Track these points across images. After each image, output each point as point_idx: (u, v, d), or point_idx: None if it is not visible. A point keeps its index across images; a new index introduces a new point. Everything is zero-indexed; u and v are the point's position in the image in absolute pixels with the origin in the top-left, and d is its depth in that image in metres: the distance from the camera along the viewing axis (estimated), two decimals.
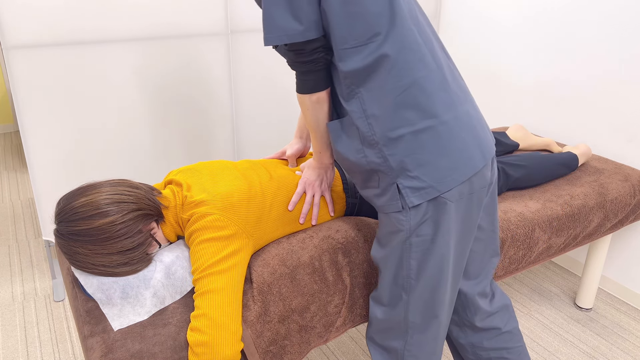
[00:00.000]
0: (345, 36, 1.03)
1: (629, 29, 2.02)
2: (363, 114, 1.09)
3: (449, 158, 1.08)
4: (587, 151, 1.97)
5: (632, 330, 2.07)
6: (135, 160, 2.21)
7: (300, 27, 1.02)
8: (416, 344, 1.26)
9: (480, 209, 1.18)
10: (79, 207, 1.16)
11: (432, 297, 1.20)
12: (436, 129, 1.07)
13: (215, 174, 1.32)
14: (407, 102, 1.06)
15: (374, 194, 1.17)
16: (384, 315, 1.26)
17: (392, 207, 1.13)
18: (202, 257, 1.17)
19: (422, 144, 1.07)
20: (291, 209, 1.35)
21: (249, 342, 1.19)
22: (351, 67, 1.05)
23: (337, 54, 1.06)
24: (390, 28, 1.03)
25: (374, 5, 1.01)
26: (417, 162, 1.08)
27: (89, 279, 1.20)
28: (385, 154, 1.09)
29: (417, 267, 1.16)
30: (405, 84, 1.05)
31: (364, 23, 1.02)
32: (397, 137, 1.07)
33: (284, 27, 1.02)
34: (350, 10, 1.01)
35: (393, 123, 1.07)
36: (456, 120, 1.09)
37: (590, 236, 1.78)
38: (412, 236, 1.13)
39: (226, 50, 2.23)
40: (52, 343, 1.97)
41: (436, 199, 1.09)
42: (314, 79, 1.12)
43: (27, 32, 1.85)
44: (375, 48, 1.03)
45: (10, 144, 3.98)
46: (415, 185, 1.09)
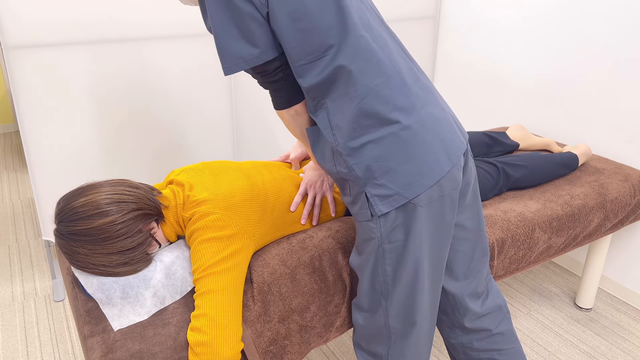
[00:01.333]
0: (298, 53, 1.03)
1: (629, 29, 2.02)
2: (328, 125, 1.09)
3: (413, 163, 1.07)
4: (587, 151, 1.97)
5: (632, 330, 2.07)
6: (135, 161, 2.21)
7: (256, 51, 1.02)
8: (399, 350, 1.26)
9: (455, 210, 1.16)
10: (78, 207, 1.16)
11: (410, 302, 1.19)
12: (398, 135, 1.06)
13: (218, 174, 1.32)
14: (366, 110, 1.05)
15: (348, 202, 1.17)
16: (365, 321, 1.26)
17: (362, 215, 1.12)
18: (203, 256, 1.17)
19: (386, 151, 1.06)
20: (293, 209, 1.35)
21: (249, 342, 1.19)
22: (310, 82, 1.05)
23: (295, 71, 1.06)
24: (342, 39, 1.02)
25: (322, 19, 1.00)
26: (382, 169, 1.07)
27: (89, 279, 1.20)
28: (350, 164, 1.09)
29: (392, 272, 1.15)
30: (362, 93, 1.04)
31: (315, 37, 1.01)
32: (359, 146, 1.07)
33: (239, 54, 1.02)
34: (300, 27, 1.00)
35: (355, 132, 1.06)
36: (419, 125, 1.07)
37: (590, 236, 1.78)
38: (384, 243, 1.12)
39: None
40: (52, 343, 1.97)
41: (405, 205, 1.08)
42: (286, 94, 1.12)
43: (27, 32, 1.85)
44: (330, 60, 1.03)
45: (10, 144, 3.98)
46: (383, 193, 1.08)
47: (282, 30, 1.01)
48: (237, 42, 1.01)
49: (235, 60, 1.03)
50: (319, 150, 1.17)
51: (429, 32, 2.81)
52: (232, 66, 1.04)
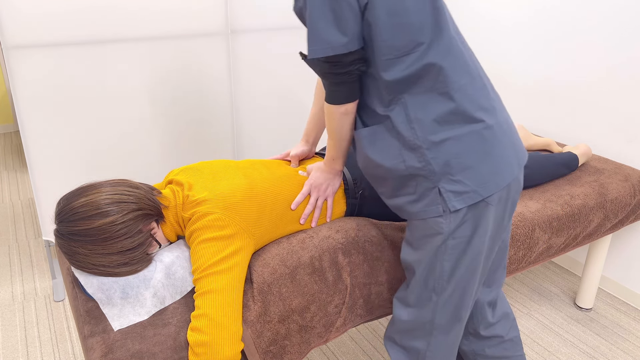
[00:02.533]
0: (388, 47, 1.05)
1: (629, 29, 2.02)
2: (406, 119, 1.10)
3: (491, 163, 1.10)
4: (587, 151, 1.97)
5: (632, 330, 2.07)
6: (135, 160, 2.21)
7: (344, 40, 1.04)
8: (439, 345, 1.27)
9: (512, 214, 1.21)
10: (79, 207, 1.16)
11: (460, 298, 1.22)
12: (480, 134, 1.09)
13: (217, 173, 1.32)
14: (453, 107, 1.08)
15: (408, 201, 1.17)
16: (409, 316, 1.26)
17: (430, 212, 1.13)
18: (203, 256, 1.17)
19: (466, 148, 1.09)
20: (294, 208, 1.35)
21: (249, 342, 1.19)
22: (394, 76, 1.07)
23: (381, 64, 1.08)
24: (434, 37, 1.06)
25: (417, 17, 1.04)
26: (461, 166, 1.09)
27: (89, 279, 1.20)
28: (427, 158, 1.10)
29: (450, 269, 1.17)
30: (451, 90, 1.08)
31: (408, 33, 1.04)
32: (441, 141, 1.09)
33: (328, 40, 1.04)
34: (395, 21, 1.03)
35: (438, 127, 1.09)
36: (498, 126, 1.12)
37: (590, 236, 1.78)
38: (449, 239, 1.14)
39: (226, 50, 2.23)
40: (52, 343, 1.97)
41: (477, 202, 1.11)
42: (346, 90, 1.13)
43: (27, 32, 1.85)
44: (419, 57, 1.05)
45: (10, 144, 3.98)
46: (458, 189, 1.10)
47: (378, 23, 1.03)
48: (330, 27, 1.03)
49: (323, 45, 1.04)
50: (376, 150, 1.17)
51: None
52: (319, 50, 1.05)
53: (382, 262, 1.37)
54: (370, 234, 1.38)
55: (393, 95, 1.10)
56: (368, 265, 1.36)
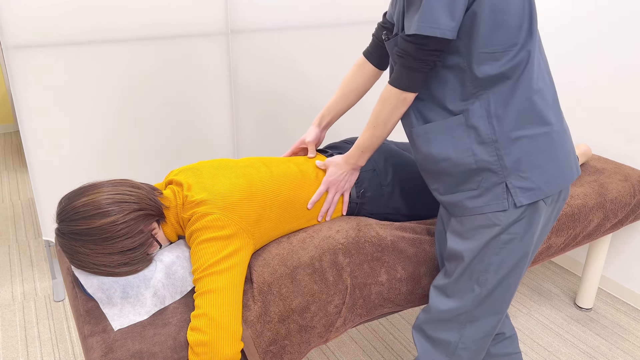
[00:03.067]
0: (484, 41, 1.08)
1: (629, 29, 2.02)
2: (485, 114, 1.13)
3: (556, 164, 1.16)
4: (587, 151, 1.97)
5: (632, 330, 2.07)
6: (136, 160, 2.21)
7: (452, 24, 1.05)
8: (471, 338, 1.28)
9: (555, 220, 1.27)
10: (80, 206, 1.16)
11: (502, 293, 1.24)
12: (550, 136, 1.15)
13: (216, 173, 1.32)
14: (531, 107, 1.13)
15: (469, 196, 1.20)
16: (448, 306, 1.27)
17: (494, 206, 1.17)
18: (203, 256, 1.17)
19: (537, 148, 1.14)
20: (310, 207, 1.38)
21: (249, 342, 1.19)
22: (487, 72, 1.10)
23: (475, 57, 1.10)
24: (526, 40, 1.10)
25: (517, 18, 1.07)
26: (531, 164, 1.14)
27: (90, 279, 1.20)
28: (501, 153, 1.14)
29: (498, 262, 1.20)
30: (532, 92, 1.12)
31: (506, 32, 1.07)
32: (516, 138, 1.13)
33: (438, 20, 1.05)
34: (498, 18, 1.06)
35: (516, 125, 1.13)
36: (564, 132, 1.19)
37: (590, 236, 1.78)
38: (503, 233, 1.17)
39: (226, 50, 2.23)
40: (52, 343, 1.97)
41: (536, 201, 1.16)
42: (416, 78, 1.14)
43: (27, 32, 1.85)
44: (512, 57, 1.09)
45: (10, 144, 3.98)
46: (526, 185, 1.14)
47: (483, 15, 1.05)
48: (444, 9, 1.04)
49: (432, 24, 1.05)
50: (443, 143, 1.18)
51: None
52: (427, 28, 1.05)
53: (382, 262, 1.37)
54: (370, 234, 1.38)
55: (477, 90, 1.13)
56: (368, 266, 1.36)
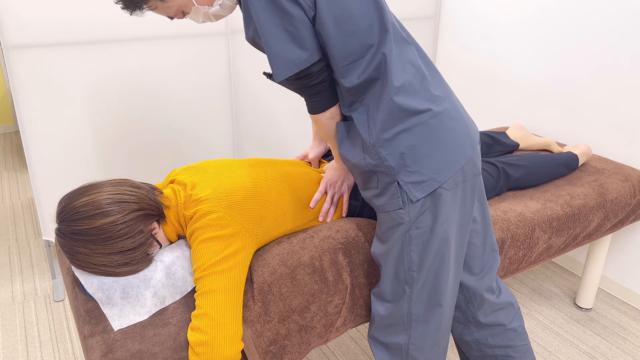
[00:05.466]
0: (342, 54, 1.07)
1: (629, 29, 2.02)
2: (366, 119, 1.14)
3: (443, 149, 1.13)
4: (588, 151, 1.97)
5: (632, 330, 2.07)
6: (136, 160, 2.21)
7: (305, 54, 1.06)
8: (420, 336, 1.28)
9: (474, 197, 1.23)
10: (80, 206, 1.16)
11: (434, 286, 1.23)
12: (428, 123, 1.12)
13: (220, 172, 1.32)
14: (398, 102, 1.10)
15: (373, 195, 1.21)
16: (387, 311, 1.28)
17: (392, 205, 1.17)
18: (204, 256, 1.17)
19: (417, 139, 1.12)
20: (313, 206, 1.38)
21: (249, 342, 1.19)
22: (353, 82, 1.10)
23: (338, 72, 1.10)
24: (381, 38, 1.08)
25: (364, 20, 1.05)
26: (415, 157, 1.12)
27: (90, 279, 1.20)
28: (382, 155, 1.13)
29: (418, 259, 1.20)
30: (396, 87, 1.10)
31: (358, 38, 1.06)
32: (392, 137, 1.12)
33: (290, 58, 1.06)
34: (344, 29, 1.05)
35: (387, 124, 1.12)
36: (445, 113, 1.15)
37: (590, 236, 1.78)
38: (411, 229, 1.17)
39: (226, 50, 2.23)
40: (52, 343, 1.97)
41: (433, 190, 1.13)
42: (324, 98, 1.16)
43: (27, 32, 1.85)
44: (370, 59, 1.08)
45: (10, 144, 3.98)
46: (416, 179, 1.13)
47: (328, 33, 1.05)
48: (287, 46, 1.05)
49: (287, 65, 1.06)
50: (346, 145, 1.21)
51: (429, 32, 2.81)
52: (284, 71, 1.07)
53: None
54: (370, 234, 1.38)
55: (356, 97, 1.14)
56: (368, 265, 1.36)
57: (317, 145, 1.57)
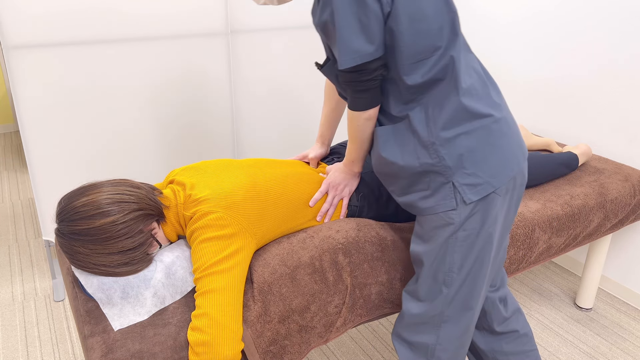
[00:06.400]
0: (410, 52, 1.09)
1: (629, 29, 2.02)
2: (424, 118, 1.14)
3: (500, 155, 1.15)
4: (588, 151, 1.97)
5: (632, 330, 2.07)
6: (136, 160, 2.21)
7: (372, 48, 1.07)
8: (448, 338, 1.29)
9: (518, 206, 1.26)
10: (80, 206, 1.16)
11: (471, 289, 1.24)
12: (488, 128, 1.14)
13: (219, 172, 1.32)
14: (463, 104, 1.13)
15: (421, 197, 1.20)
16: (419, 309, 1.28)
17: (444, 205, 1.17)
18: (204, 256, 1.17)
19: (477, 142, 1.14)
20: (312, 205, 1.38)
21: (249, 342, 1.19)
22: (417, 80, 1.11)
23: (402, 69, 1.11)
24: (450, 40, 1.10)
25: (436, 21, 1.08)
26: (473, 159, 1.14)
27: (90, 279, 1.20)
28: (441, 154, 1.14)
29: (460, 260, 1.20)
30: (462, 89, 1.12)
31: (428, 38, 1.08)
32: (453, 137, 1.13)
33: (357, 49, 1.07)
34: (417, 27, 1.07)
35: (450, 124, 1.13)
36: (504, 120, 1.18)
37: (590, 236, 1.78)
38: (459, 230, 1.18)
39: (226, 50, 2.23)
40: (52, 343, 1.97)
41: (488, 194, 1.16)
42: (370, 96, 1.16)
43: (27, 32, 1.85)
44: (437, 60, 1.10)
45: (10, 144, 3.98)
46: (472, 182, 1.15)
47: (401, 30, 1.07)
48: (358, 37, 1.06)
49: (353, 55, 1.07)
50: (392, 148, 1.20)
51: None
52: (348, 60, 1.08)
53: (382, 262, 1.37)
54: (370, 234, 1.38)
55: (414, 97, 1.14)
56: (368, 266, 1.36)
57: (319, 147, 1.58)
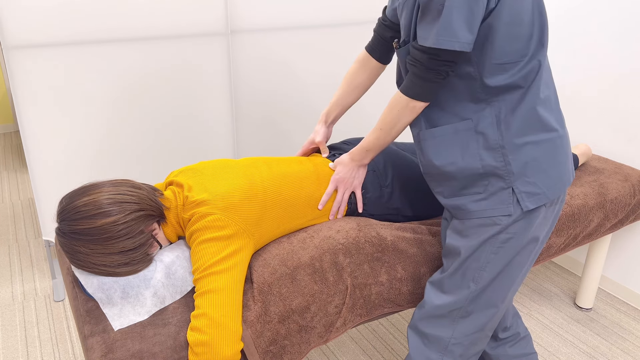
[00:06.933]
0: (499, 52, 1.09)
1: (629, 29, 2.02)
2: (495, 120, 1.15)
3: (558, 169, 1.18)
4: (587, 151, 1.97)
5: (632, 330, 2.07)
6: (136, 160, 2.21)
7: (470, 37, 1.06)
8: (465, 333, 1.30)
9: (557, 219, 1.28)
10: (81, 206, 1.16)
11: (497, 289, 1.26)
12: (554, 142, 1.17)
13: (217, 174, 1.32)
14: (538, 114, 1.14)
15: (474, 199, 1.21)
16: (442, 302, 1.29)
17: (498, 210, 1.18)
18: (203, 257, 1.17)
19: (542, 153, 1.16)
20: (321, 207, 1.39)
21: (249, 342, 1.19)
22: (498, 82, 1.11)
23: (487, 68, 1.11)
24: (537, 49, 1.11)
25: (529, 29, 1.09)
26: (537, 169, 1.16)
27: (90, 279, 1.20)
28: (508, 159, 1.16)
29: (495, 260, 1.22)
30: (540, 99, 1.14)
31: (519, 43, 1.09)
32: (522, 144, 1.15)
33: (457, 34, 1.05)
34: (513, 30, 1.07)
35: (523, 131, 1.15)
36: (566, 138, 1.21)
37: (590, 236, 1.78)
38: (502, 232, 1.19)
39: (226, 50, 2.23)
40: (52, 343, 1.97)
41: (543, 204, 1.18)
42: (428, 88, 1.15)
43: (27, 32, 1.85)
44: (522, 67, 1.10)
45: (10, 144, 3.98)
46: (532, 190, 1.17)
47: (500, 28, 1.07)
48: (462, 23, 1.05)
49: (451, 37, 1.05)
50: (451, 150, 1.19)
51: None
52: (446, 41, 1.06)
53: (382, 262, 1.37)
54: (370, 234, 1.38)
55: (488, 97, 1.14)
56: (368, 266, 1.36)
57: (321, 127, 1.56)
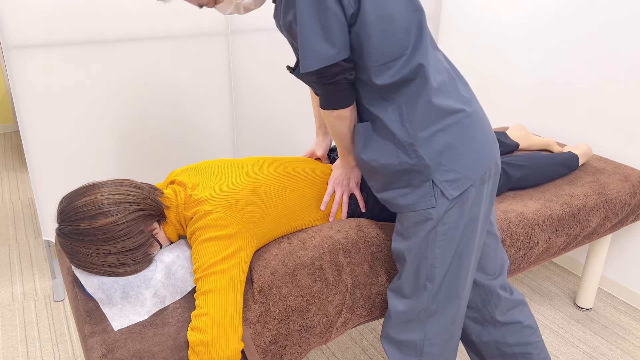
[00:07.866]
0: (378, 54, 1.09)
1: (628, 29, 2.02)
2: (399, 118, 1.15)
3: (474, 148, 1.16)
4: (588, 151, 1.97)
5: (632, 330, 2.07)
6: (136, 160, 2.21)
7: (333, 50, 1.07)
8: (435, 331, 1.29)
9: (495, 195, 1.26)
10: (81, 206, 1.16)
11: (455, 280, 1.25)
12: (461, 123, 1.15)
13: (220, 173, 1.32)
14: (434, 104, 1.13)
15: (400, 194, 1.21)
16: (405, 306, 1.29)
17: (423, 203, 1.18)
18: (204, 256, 1.17)
19: (453, 138, 1.15)
20: (323, 208, 1.40)
21: (249, 342, 1.19)
22: (385, 81, 1.11)
23: (372, 70, 1.11)
24: (417, 39, 1.10)
25: (403, 21, 1.08)
26: (451, 155, 1.15)
27: (90, 279, 1.20)
28: (420, 154, 1.15)
29: (441, 254, 1.21)
30: (434, 87, 1.13)
31: (396, 38, 1.08)
32: (430, 135, 1.14)
33: (319, 52, 1.07)
34: (384, 29, 1.07)
35: (425, 123, 1.14)
36: (476, 114, 1.18)
37: (590, 236, 1.78)
38: (438, 225, 1.19)
39: (226, 50, 2.23)
40: (52, 343, 1.97)
41: (467, 187, 1.17)
42: (336, 97, 1.16)
43: (27, 32, 1.85)
44: (407, 59, 1.10)
45: (10, 144, 3.98)
46: (451, 177, 1.16)
47: (370, 32, 1.07)
48: (319, 40, 1.06)
49: (315, 58, 1.07)
50: (373, 147, 1.21)
51: None
52: (311, 63, 1.08)
53: (382, 262, 1.37)
54: (370, 234, 1.38)
55: (386, 96, 1.14)
56: (368, 266, 1.36)
57: (322, 140, 1.57)
